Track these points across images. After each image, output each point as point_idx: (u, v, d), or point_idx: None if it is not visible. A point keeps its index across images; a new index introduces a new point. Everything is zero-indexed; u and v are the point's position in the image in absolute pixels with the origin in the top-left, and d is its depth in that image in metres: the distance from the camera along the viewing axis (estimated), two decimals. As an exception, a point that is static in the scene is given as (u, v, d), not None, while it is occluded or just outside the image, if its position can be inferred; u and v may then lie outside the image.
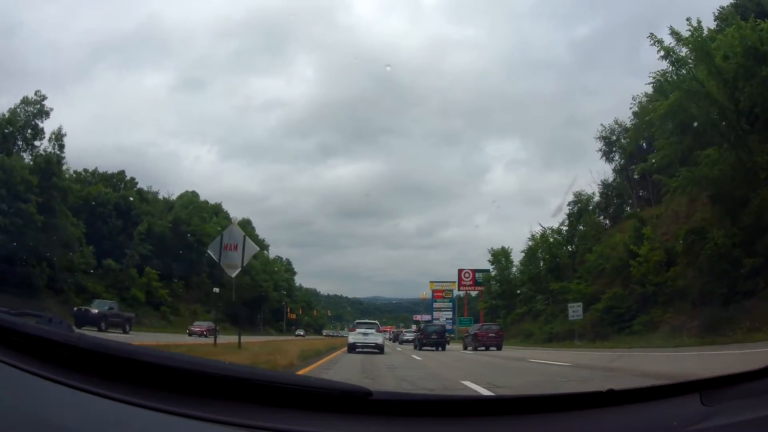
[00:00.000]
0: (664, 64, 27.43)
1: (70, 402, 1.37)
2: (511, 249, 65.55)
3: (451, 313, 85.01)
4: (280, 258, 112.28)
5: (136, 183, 71.37)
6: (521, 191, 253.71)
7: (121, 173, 72.42)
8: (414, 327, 64.82)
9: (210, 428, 1.33)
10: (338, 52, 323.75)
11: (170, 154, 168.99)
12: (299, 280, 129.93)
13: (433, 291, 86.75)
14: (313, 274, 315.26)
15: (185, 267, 65.99)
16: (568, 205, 52.67)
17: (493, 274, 68.14)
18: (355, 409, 1.47)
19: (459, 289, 75.86)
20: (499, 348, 30.16)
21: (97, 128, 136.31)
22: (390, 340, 57.54)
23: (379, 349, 22.49)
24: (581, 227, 51.09)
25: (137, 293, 53.75)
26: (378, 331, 24.02)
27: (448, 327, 74.47)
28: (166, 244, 64.47)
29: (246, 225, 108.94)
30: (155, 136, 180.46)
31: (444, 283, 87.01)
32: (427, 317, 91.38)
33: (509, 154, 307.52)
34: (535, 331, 47.54)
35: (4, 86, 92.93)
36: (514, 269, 64.25)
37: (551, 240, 53.53)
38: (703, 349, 17.01)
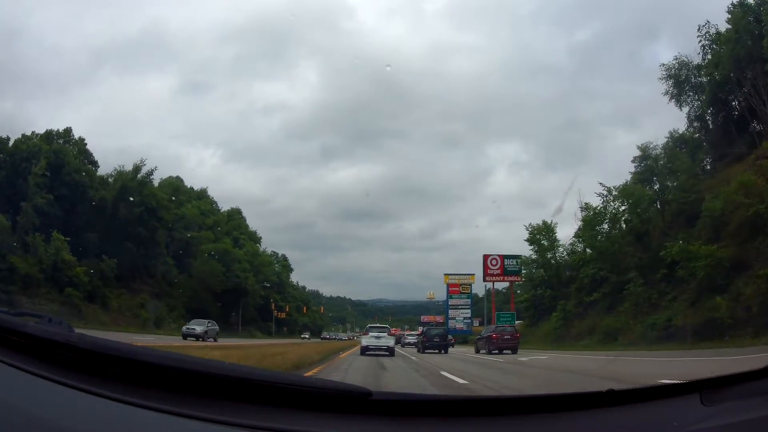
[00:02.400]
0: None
1: (70, 402, 1.39)
2: (556, 224, 50.13)
3: (469, 311, 69.56)
4: (276, 253, 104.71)
5: (85, 144, 58.31)
6: (523, 193, 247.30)
7: (68, 130, 57.83)
8: (420, 329, 61.87)
9: (210, 428, 1.35)
10: (341, 57, 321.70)
11: (173, 156, 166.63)
12: (301, 282, 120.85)
13: (449, 285, 72.12)
14: (316, 276, 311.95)
15: (134, 245, 50.17)
16: (633, 161, 44.74)
17: (532, 258, 52.15)
18: (354, 410, 1.49)
19: (485, 280, 60.82)
20: (514, 351, 28.68)
21: (100, 131, 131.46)
22: None
23: (389, 351, 24.00)
24: (675, 175, 38.85)
25: (17, 262, 35.82)
26: (389, 334, 25.45)
27: (466, 328, 61.10)
28: (107, 215, 48.43)
29: (236, 214, 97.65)
30: (158, 139, 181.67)
31: (461, 276, 71.98)
32: (439, 318, 76.15)
33: (511, 156, 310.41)
34: (621, 327, 31.18)
35: (7, 90, 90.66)
36: (561, 249, 48.73)
37: (616, 205, 38.07)
38: None
